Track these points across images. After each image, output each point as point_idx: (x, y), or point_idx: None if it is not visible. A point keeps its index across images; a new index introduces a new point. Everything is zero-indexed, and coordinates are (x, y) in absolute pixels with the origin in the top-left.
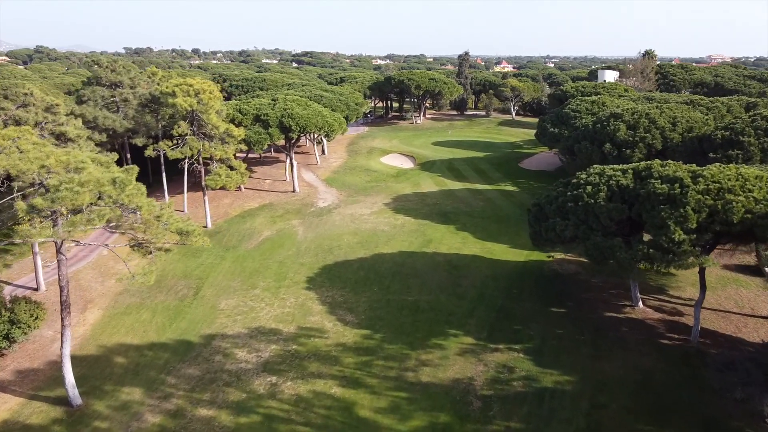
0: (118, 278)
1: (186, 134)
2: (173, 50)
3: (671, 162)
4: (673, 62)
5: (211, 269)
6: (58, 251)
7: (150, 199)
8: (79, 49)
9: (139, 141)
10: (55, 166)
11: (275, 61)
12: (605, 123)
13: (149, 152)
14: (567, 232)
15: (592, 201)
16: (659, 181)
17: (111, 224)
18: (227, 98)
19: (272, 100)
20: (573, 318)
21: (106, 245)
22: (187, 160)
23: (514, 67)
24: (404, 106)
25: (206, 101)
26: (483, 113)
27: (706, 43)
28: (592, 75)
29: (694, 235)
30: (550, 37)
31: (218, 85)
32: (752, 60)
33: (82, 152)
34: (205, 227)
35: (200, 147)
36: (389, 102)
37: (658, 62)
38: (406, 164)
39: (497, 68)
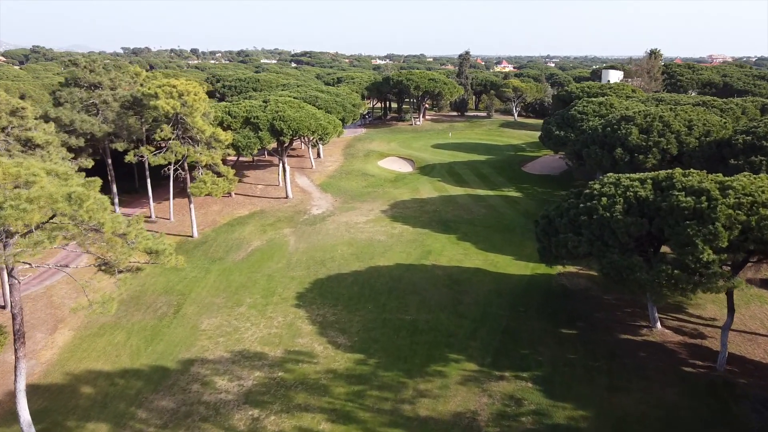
0: (73, 308)
1: (169, 138)
2: (172, 50)
3: (694, 171)
4: (674, 62)
5: (194, 284)
6: (10, 274)
7: (116, 214)
8: (79, 49)
9: (119, 146)
10: (0, 180)
11: (274, 61)
12: (616, 126)
13: (129, 158)
14: (580, 249)
15: (608, 214)
16: (683, 193)
17: (71, 242)
18: (220, 99)
19: (263, 101)
20: (585, 341)
21: (63, 266)
22: (171, 166)
23: (514, 67)
24: (403, 107)
25: (191, 103)
26: (484, 114)
27: (705, 43)
28: (595, 75)
29: (725, 255)
30: (550, 37)
31: (211, 86)
32: (753, 60)
33: (37, 163)
34: (191, 237)
35: (185, 152)
36: (388, 103)
37: (663, 62)
38: (405, 168)
39: (497, 68)
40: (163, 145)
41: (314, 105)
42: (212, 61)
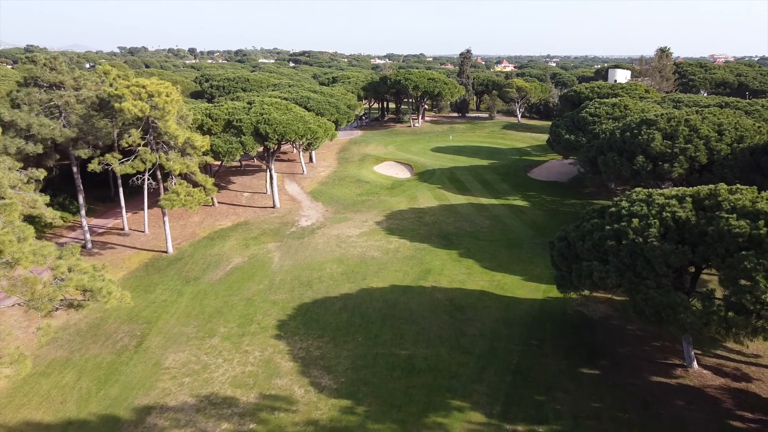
0: None
1: (138, 145)
2: (169, 50)
3: (743, 188)
4: (677, 61)
5: (163, 309)
6: None
7: (44, 244)
8: (78, 49)
9: (83, 153)
10: None
11: (272, 61)
12: (636, 131)
13: (93, 166)
14: (608, 281)
15: (641, 239)
16: (733, 215)
17: None
18: (209, 100)
19: (248, 103)
20: (611, 385)
21: None
22: (145, 175)
23: (515, 67)
24: (402, 107)
25: (161, 105)
26: (486, 115)
27: (706, 43)
28: (599, 74)
29: None
30: (550, 37)
31: (199, 86)
32: (756, 59)
33: None
34: (165, 252)
35: (155, 160)
36: (385, 103)
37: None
38: (403, 174)
39: (498, 68)
40: (138, 151)
41: (305, 107)
42: (209, 61)
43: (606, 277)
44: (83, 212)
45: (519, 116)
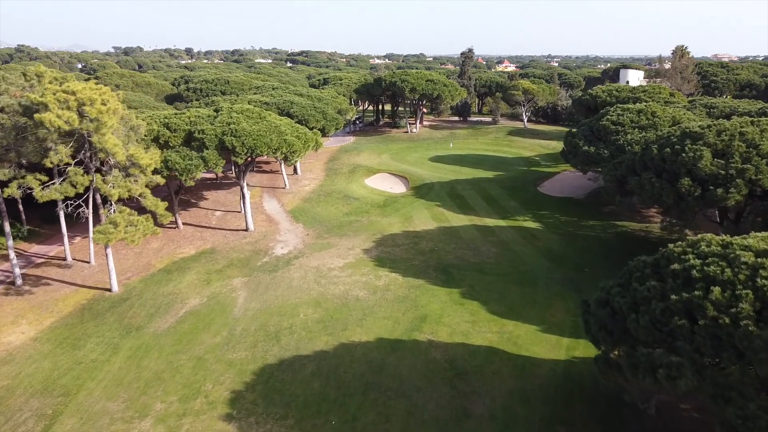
0: None
1: (67, 164)
2: (166, 50)
3: None
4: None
5: (90, 373)
6: None
7: None
8: (77, 49)
9: (1, 173)
10: None
11: (269, 61)
12: (678, 146)
13: (11, 191)
14: (682, 383)
15: (727, 320)
16: None
17: None
18: (187, 104)
19: (215, 110)
20: None
21: None
22: (77, 199)
23: (516, 67)
24: (399, 108)
25: (95, 116)
26: (489, 119)
27: (706, 43)
28: (606, 75)
29: None
30: (551, 37)
31: (175, 88)
32: (760, 59)
33: None
34: (109, 291)
35: (87, 183)
36: (381, 106)
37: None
38: (397, 188)
39: (499, 68)
40: (67, 172)
41: (287, 113)
42: (205, 61)
43: (678, 376)
44: (10, 242)
45: (525, 121)
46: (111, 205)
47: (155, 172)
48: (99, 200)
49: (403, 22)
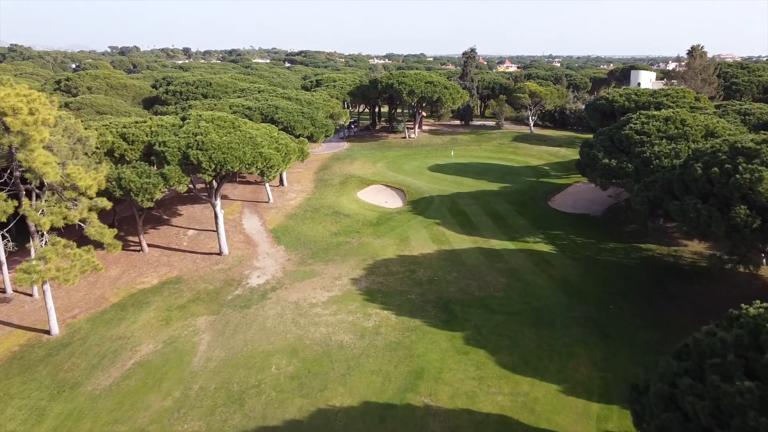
0: None
1: None
2: (162, 49)
3: None
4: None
5: None
6: None
7: None
8: (77, 49)
9: None
10: None
11: (267, 61)
12: (727, 165)
13: None
14: None
15: None
16: None
17: None
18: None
19: (181, 119)
20: None
21: None
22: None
23: (518, 67)
24: (397, 111)
25: (18, 129)
26: (493, 124)
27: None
28: (612, 75)
29: None
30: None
31: (155, 91)
32: (764, 59)
33: None
34: (48, 333)
35: (11, 210)
36: (378, 109)
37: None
38: (393, 202)
39: (500, 68)
40: None
41: (271, 119)
42: (202, 61)
43: None
44: None
45: (531, 125)
46: (42, 236)
47: (104, 193)
48: (33, 227)
49: (403, 22)
